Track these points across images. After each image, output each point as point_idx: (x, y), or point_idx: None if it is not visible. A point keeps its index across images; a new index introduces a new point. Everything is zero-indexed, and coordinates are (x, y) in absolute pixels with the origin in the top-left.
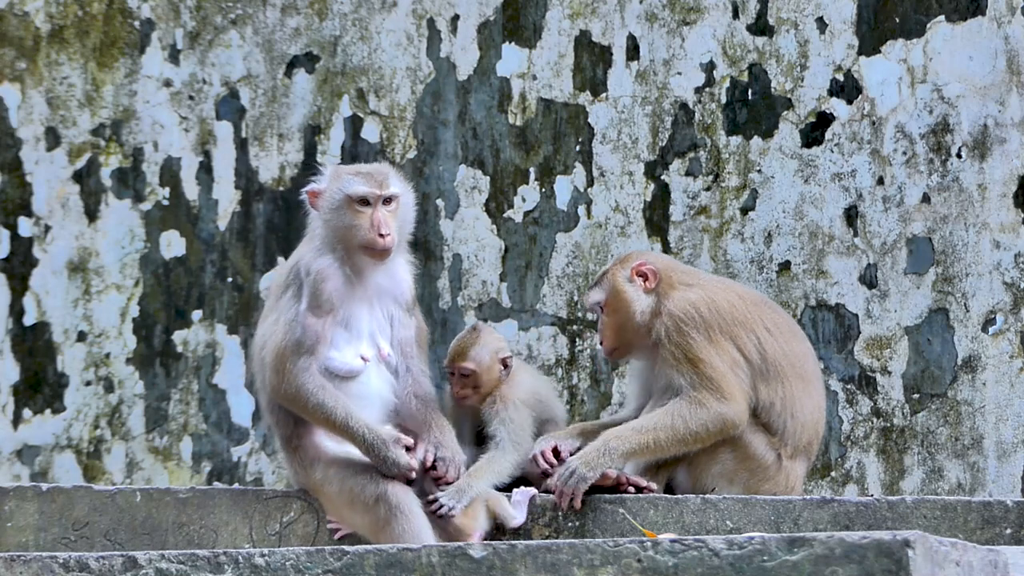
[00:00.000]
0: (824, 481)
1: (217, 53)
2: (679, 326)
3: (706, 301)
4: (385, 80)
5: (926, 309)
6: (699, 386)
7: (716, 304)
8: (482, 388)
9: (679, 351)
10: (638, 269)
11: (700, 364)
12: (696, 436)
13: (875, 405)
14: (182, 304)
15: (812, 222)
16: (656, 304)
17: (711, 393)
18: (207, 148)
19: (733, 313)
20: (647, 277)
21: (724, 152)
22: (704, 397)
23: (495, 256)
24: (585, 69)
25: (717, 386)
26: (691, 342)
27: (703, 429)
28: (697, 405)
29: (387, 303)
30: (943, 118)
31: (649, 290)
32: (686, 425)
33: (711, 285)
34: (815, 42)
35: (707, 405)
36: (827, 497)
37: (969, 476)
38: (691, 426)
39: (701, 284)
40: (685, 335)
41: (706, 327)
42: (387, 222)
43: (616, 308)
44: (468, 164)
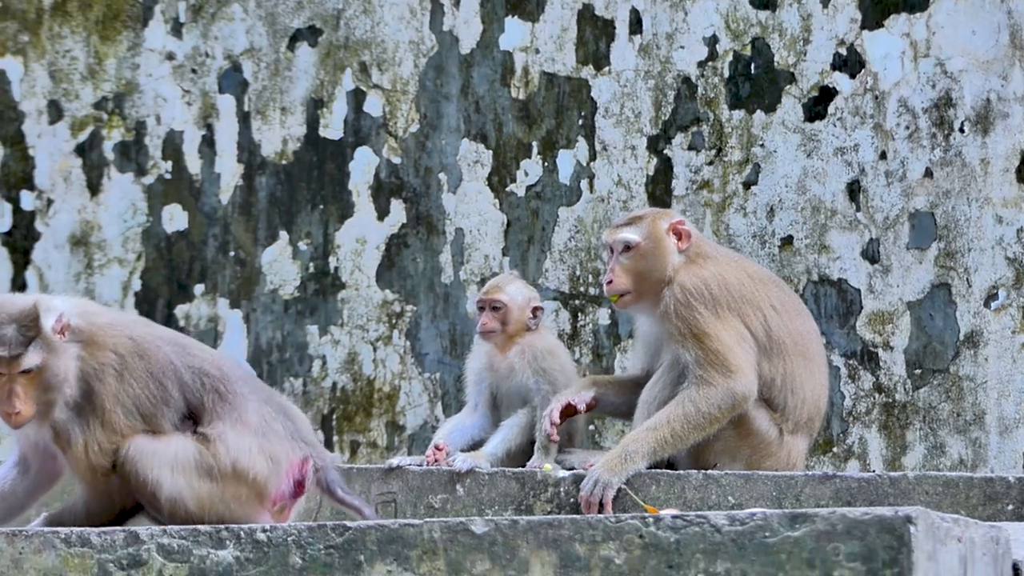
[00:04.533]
0: (826, 457)
1: (220, 26)
2: (688, 299)
3: (716, 277)
4: (388, 53)
5: (928, 284)
6: (704, 363)
7: (726, 280)
8: (509, 327)
9: (685, 326)
10: (676, 227)
11: (706, 339)
12: (711, 418)
13: (877, 380)
14: (184, 278)
15: (814, 196)
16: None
17: (717, 370)
18: (209, 122)
19: (742, 290)
20: (681, 237)
21: (727, 126)
22: (710, 375)
23: (497, 230)
24: (588, 43)
25: (723, 360)
26: (698, 316)
27: (716, 409)
28: (705, 386)
29: None
30: (946, 92)
31: (680, 249)
32: (698, 409)
33: (723, 261)
34: (818, 16)
35: (715, 383)
36: (829, 473)
37: (971, 452)
38: (703, 409)
39: (714, 259)
40: (692, 309)
41: (714, 303)
42: (16, 397)
43: (648, 254)
44: (470, 138)
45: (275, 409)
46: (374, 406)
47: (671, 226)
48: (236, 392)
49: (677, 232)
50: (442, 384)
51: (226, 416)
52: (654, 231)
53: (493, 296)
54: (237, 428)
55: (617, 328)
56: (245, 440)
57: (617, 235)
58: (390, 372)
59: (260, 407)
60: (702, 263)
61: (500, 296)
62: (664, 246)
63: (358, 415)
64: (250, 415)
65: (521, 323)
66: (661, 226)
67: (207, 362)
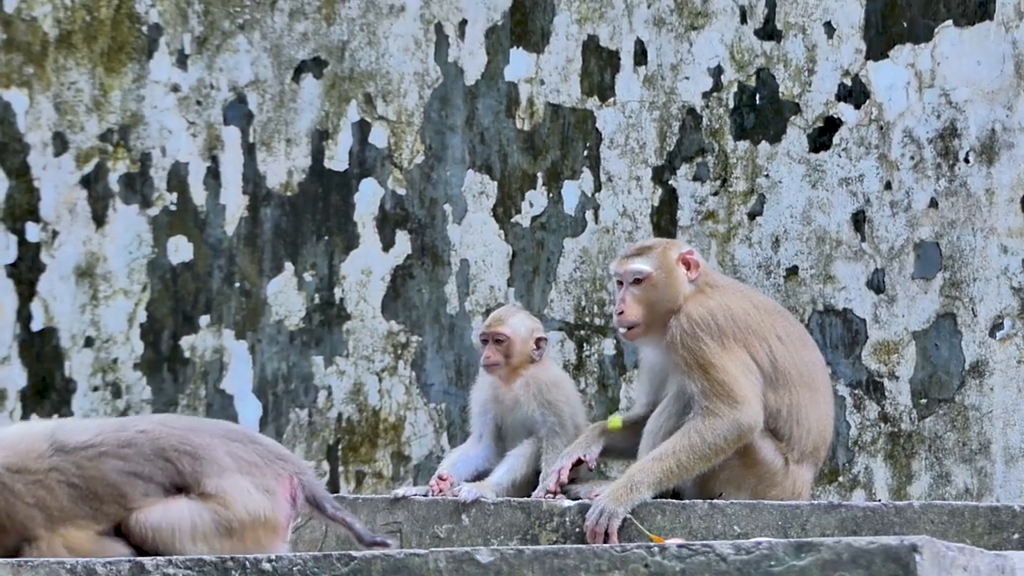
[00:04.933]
0: (831, 486)
1: (225, 58)
2: (694, 330)
3: (722, 308)
4: (393, 85)
5: (934, 314)
6: (711, 394)
7: (732, 311)
8: (512, 359)
9: (691, 356)
10: (686, 257)
11: (712, 369)
12: (717, 448)
13: (883, 410)
14: (190, 309)
15: (820, 227)
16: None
17: (723, 401)
18: (215, 153)
19: (748, 321)
20: (690, 267)
21: (732, 157)
22: (716, 406)
23: (503, 261)
24: (593, 74)
25: (729, 391)
26: (704, 347)
27: (722, 440)
28: (711, 417)
29: None
30: (951, 123)
31: (691, 280)
32: (703, 440)
33: (729, 291)
34: (823, 47)
35: (721, 415)
36: (834, 502)
37: (976, 481)
38: (709, 439)
39: (721, 289)
40: (699, 340)
41: (720, 334)
42: None
43: (659, 285)
44: (476, 169)
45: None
46: (379, 436)
47: (681, 256)
48: (203, 445)
49: (686, 262)
50: (447, 414)
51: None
52: (665, 262)
53: (496, 329)
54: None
55: (623, 358)
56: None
57: (628, 266)
58: (395, 403)
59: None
60: (709, 293)
61: (503, 329)
62: (675, 276)
63: (364, 445)
64: (225, 459)
65: (525, 355)
66: (672, 256)
67: (163, 436)
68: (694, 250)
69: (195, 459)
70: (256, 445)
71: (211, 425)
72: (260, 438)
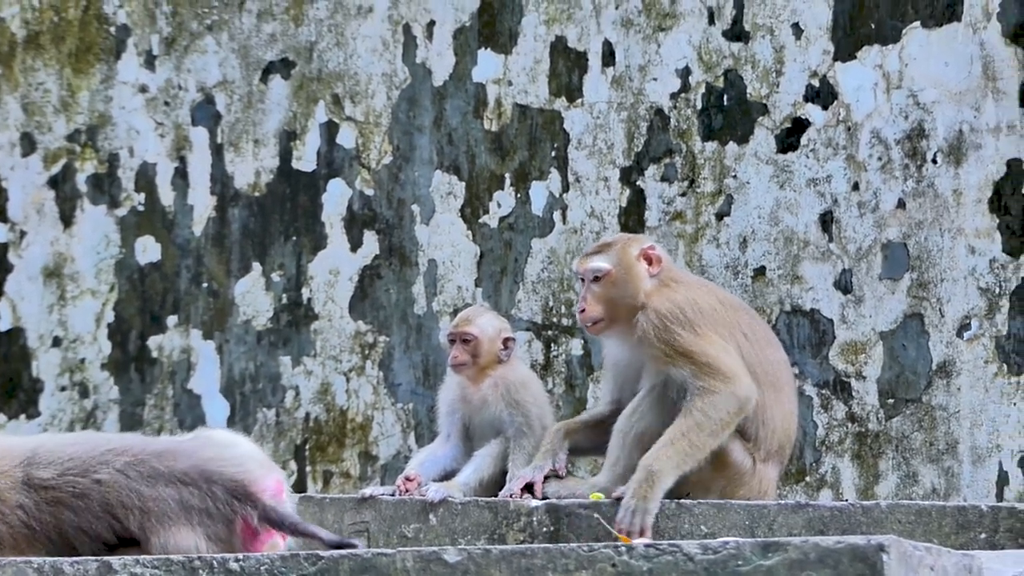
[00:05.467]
0: (799, 486)
1: (193, 59)
2: (664, 323)
3: (689, 302)
4: (361, 86)
5: (901, 314)
6: (701, 374)
7: (699, 305)
8: (480, 359)
9: (669, 348)
10: (647, 252)
11: (693, 355)
12: (722, 422)
13: (850, 410)
14: (157, 309)
15: (787, 227)
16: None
17: (715, 378)
18: (183, 154)
19: (714, 316)
20: (652, 262)
21: (699, 158)
22: (710, 383)
23: (470, 261)
24: (561, 75)
25: (717, 368)
26: (678, 337)
27: (725, 414)
28: (709, 394)
29: None
30: (918, 124)
31: (651, 275)
32: (708, 416)
33: (694, 286)
34: (791, 48)
35: (717, 390)
36: (802, 502)
37: (944, 481)
38: (713, 415)
39: (686, 284)
40: (671, 332)
41: (690, 324)
42: None
43: (618, 282)
44: (443, 170)
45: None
46: (347, 436)
47: (642, 252)
48: (154, 498)
49: (648, 257)
50: (415, 414)
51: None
52: (624, 258)
53: (463, 329)
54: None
55: (590, 358)
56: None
57: (587, 264)
58: (363, 402)
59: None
60: (674, 287)
61: (470, 329)
62: (635, 272)
63: (331, 445)
64: (176, 512)
65: (492, 355)
66: (631, 252)
67: (114, 490)
68: (656, 244)
69: (144, 514)
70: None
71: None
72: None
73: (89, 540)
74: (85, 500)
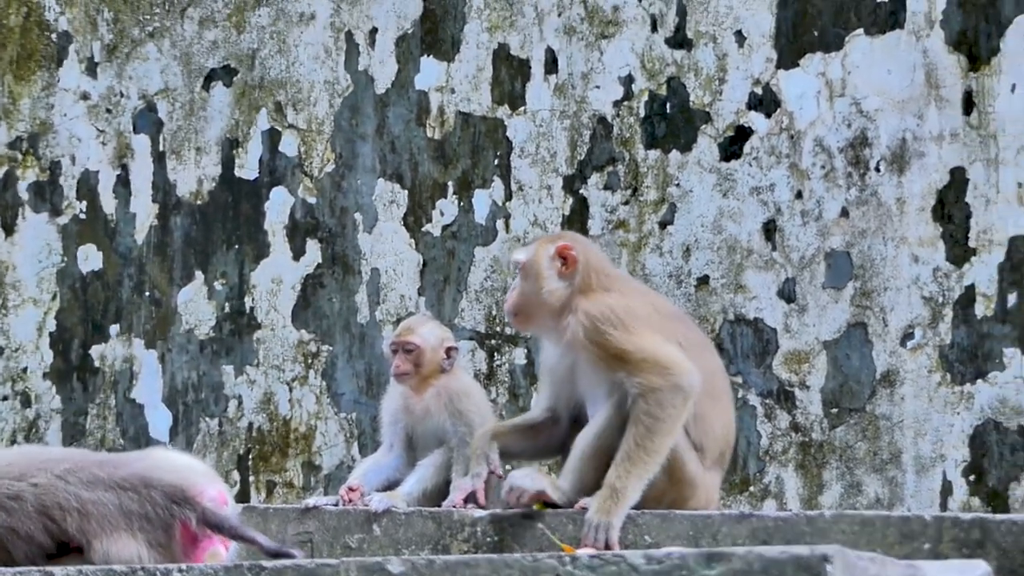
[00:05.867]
0: (743, 496)
1: (135, 66)
2: (595, 326)
3: (622, 306)
4: (303, 93)
5: (844, 323)
6: (637, 371)
7: (632, 309)
8: (423, 368)
9: (602, 351)
10: (562, 250)
11: (627, 354)
12: (672, 419)
13: (794, 420)
14: (99, 318)
15: (730, 236)
16: (569, 297)
17: (653, 373)
18: (124, 161)
19: (649, 322)
20: (567, 262)
21: (643, 166)
22: (649, 380)
23: (413, 270)
24: (503, 82)
25: (653, 361)
26: (609, 338)
27: (672, 408)
28: (650, 392)
29: None
30: (862, 132)
31: (564, 275)
32: (655, 417)
33: (629, 292)
34: (733, 55)
35: (658, 386)
36: (746, 512)
37: (888, 491)
38: (660, 415)
39: (620, 290)
40: (603, 334)
41: (623, 324)
42: None
43: (531, 276)
44: (386, 178)
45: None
46: (290, 446)
47: (559, 249)
48: (93, 501)
49: (563, 256)
50: (358, 424)
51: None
52: (535, 254)
53: (405, 338)
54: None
55: (533, 368)
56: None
57: (513, 256)
58: (306, 412)
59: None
60: (607, 292)
61: (412, 338)
62: (543, 269)
63: (274, 455)
64: (116, 516)
65: (435, 364)
66: (548, 249)
67: (51, 492)
68: (575, 246)
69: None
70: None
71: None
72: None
73: (24, 544)
74: (19, 502)
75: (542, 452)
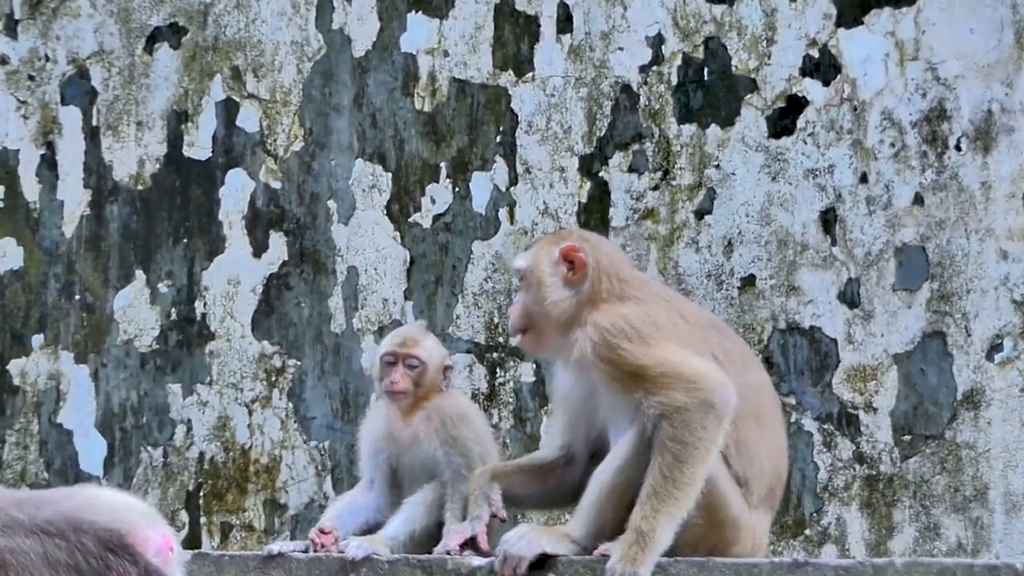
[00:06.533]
0: (797, 541)
1: (63, 24)
2: (607, 340)
3: (639, 315)
4: (266, 57)
5: (919, 333)
6: (657, 388)
7: (651, 318)
8: (420, 388)
9: (616, 369)
10: (568, 253)
11: (645, 369)
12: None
13: (858, 449)
14: (19, 327)
15: (781, 228)
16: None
17: (676, 389)
18: (50, 138)
19: (675, 331)
20: (574, 267)
21: (675, 143)
22: (671, 397)
23: (399, 269)
24: (507, 44)
25: (675, 375)
26: (624, 354)
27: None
28: (673, 412)
29: None
30: (938, 103)
31: (571, 281)
32: (684, 443)
33: (649, 300)
34: (784, 11)
35: (681, 404)
36: (800, 560)
37: (971, 534)
38: (689, 439)
39: (638, 298)
40: (615, 348)
41: (639, 337)
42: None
43: (533, 285)
44: (366, 158)
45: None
46: (250, 481)
47: (563, 252)
48: (13, 550)
49: (570, 260)
50: (331, 454)
51: None
52: (535, 258)
53: (411, 350)
54: None
55: (543, 386)
56: None
57: (512, 263)
58: (269, 440)
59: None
60: (624, 301)
61: (419, 351)
62: (545, 276)
63: (230, 492)
64: (38, 567)
65: (435, 385)
66: (550, 252)
67: None
68: (582, 246)
69: (3, 567)
70: (82, 536)
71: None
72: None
73: None
74: None
75: (553, 497)
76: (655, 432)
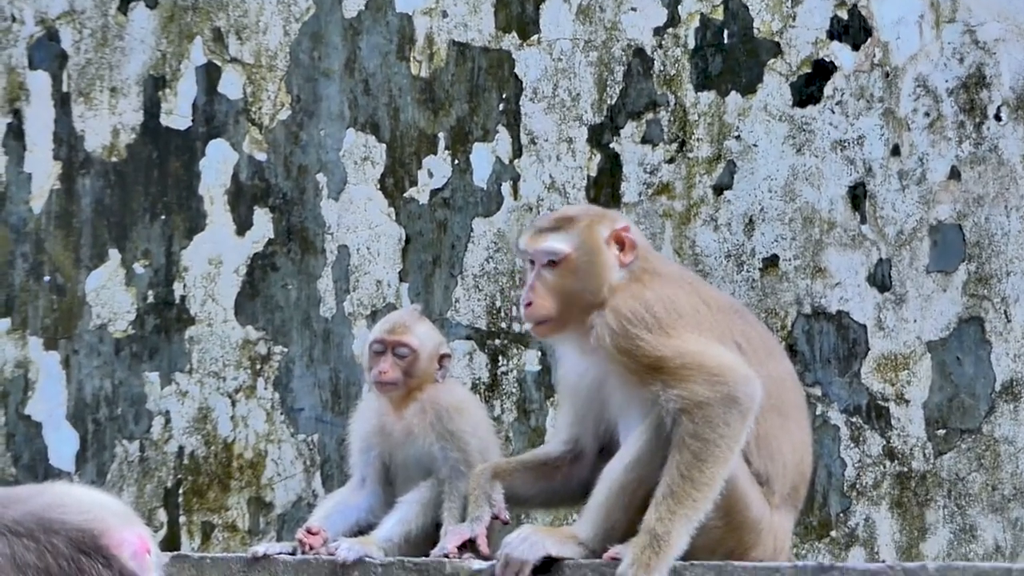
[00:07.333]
0: (822, 543)
1: None
2: (624, 327)
3: (662, 299)
4: (250, 18)
5: (955, 318)
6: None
7: (676, 304)
8: (413, 379)
9: (632, 360)
10: (620, 234)
11: (664, 360)
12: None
13: (888, 444)
14: None
15: (806, 204)
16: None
17: (696, 382)
18: (17, 106)
19: (697, 319)
20: (625, 247)
21: (692, 112)
22: (693, 391)
23: (393, 248)
24: (511, 3)
25: (697, 367)
26: (642, 344)
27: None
28: (695, 407)
29: None
30: (977, 68)
31: (623, 264)
32: (704, 440)
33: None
34: None
35: (704, 398)
36: (826, 564)
37: (1010, 536)
38: (710, 435)
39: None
40: (633, 338)
41: (659, 325)
42: None
43: (579, 271)
44: (358, 128)
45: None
46: (233, 477)
47: (613, 233)
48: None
49: (620, 241)
50: (321, 449)
51: None
52: (589, 239)
53: (400, 338)
54: None
55: (549, 375)
56: None
57: (541, 243)
58: (253, 433)
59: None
60: (646, 282)
61: (408, 339)
62: (602, 260)
63: (212, 489)
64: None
65: (429, 375)
66: (600, 233)
67: None
68: (631, 225)
69: None
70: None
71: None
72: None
73: None
74: None
75: (559, 496)
76: (673, 428)
